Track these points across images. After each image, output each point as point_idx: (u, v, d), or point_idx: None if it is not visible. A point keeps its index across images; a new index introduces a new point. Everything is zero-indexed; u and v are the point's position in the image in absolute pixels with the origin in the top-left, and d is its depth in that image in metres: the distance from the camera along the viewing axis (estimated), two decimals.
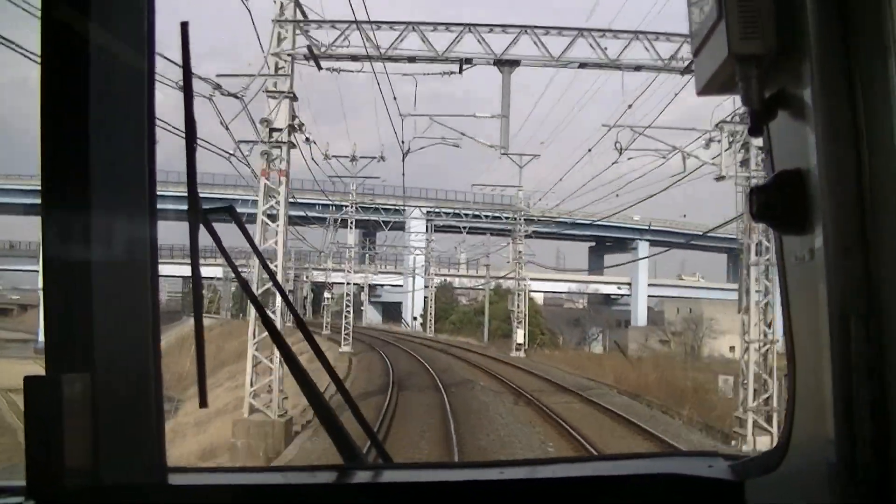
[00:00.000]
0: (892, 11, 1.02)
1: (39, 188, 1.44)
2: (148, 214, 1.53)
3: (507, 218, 43.51)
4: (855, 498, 1.08)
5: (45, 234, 1.43)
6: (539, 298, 64.97)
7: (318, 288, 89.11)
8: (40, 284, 1.46)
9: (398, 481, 1.69)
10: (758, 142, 16.31)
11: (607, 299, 69.12)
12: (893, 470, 1.06)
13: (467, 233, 50.26)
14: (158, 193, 1.56)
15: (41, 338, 1.56)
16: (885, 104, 1.05)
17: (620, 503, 1.56)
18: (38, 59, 1.43)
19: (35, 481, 1.39)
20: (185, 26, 1.55)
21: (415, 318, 63.48)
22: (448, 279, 71.72)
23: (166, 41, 1.58)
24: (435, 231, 52.62)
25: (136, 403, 1.54)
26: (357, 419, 1.83)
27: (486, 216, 49.97)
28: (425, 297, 56.42)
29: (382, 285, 76.87)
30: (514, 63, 16.41)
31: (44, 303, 1.44)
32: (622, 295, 73.69)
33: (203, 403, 1.67)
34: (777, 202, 1.23)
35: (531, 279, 55.73)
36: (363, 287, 67.94)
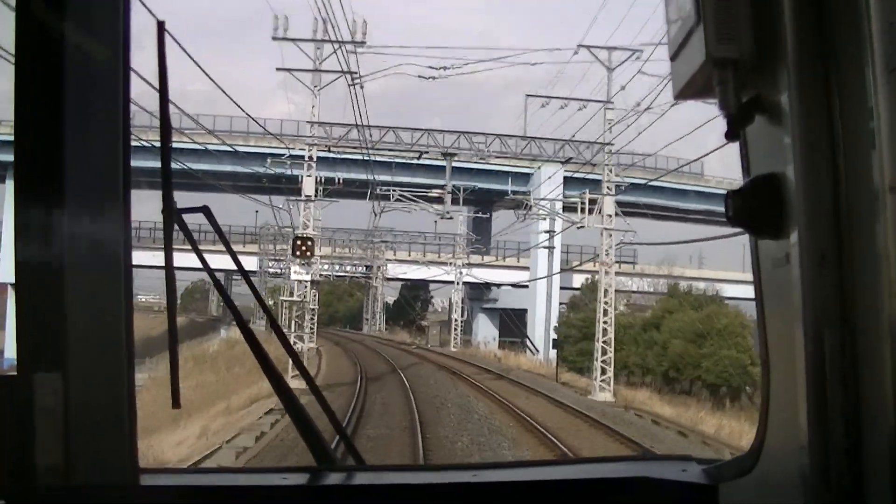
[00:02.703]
0: (868, 17, 1.16)
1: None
2: (122, 213, 1.66)
3: None
4: (828, 503, 1.23)
5: (17, 233, 1.54)
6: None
7: (409, 290, 71.14)
8: (11, 280, 1.56)
9: (371, 483, 1.84)
10: None
11: None
12: (865, 476, 1.19)
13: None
14: (134, 144, 1.73)
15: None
16: (861, 110, 1.18)
17: None
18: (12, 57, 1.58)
19: (6, 481, 1.49)
20: (161, 26, 1.69)
21: (536, 350, 40.68)
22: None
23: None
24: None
25: (109, 404, 1.63)
26: (330, 420, 1.99)
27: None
28: (561, 304, 35.51)
29: (499, 284, 62.94)
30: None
31: (16, 302, 1.54)
32: None
33: (175, 404, 1.81)
34: (752, 206, 1.36)
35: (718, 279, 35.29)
36: (457, 284, 45.89)
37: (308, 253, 24.48)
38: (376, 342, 54.31)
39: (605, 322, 31.10)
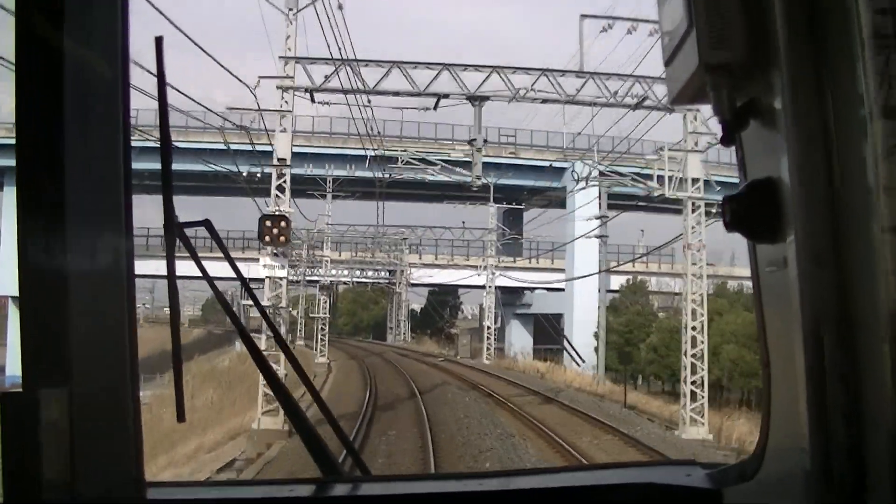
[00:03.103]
0: (859, 20, 1.20)
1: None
2: (124, 225, 1.69)
3: None
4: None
5: (20, 247, 1.57)
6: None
7: (437, 296, 68.50)
8: (13, 293, 1.87)
9: (378, 494, 1.88)
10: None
11: None
12: (867, 476, 1.22)
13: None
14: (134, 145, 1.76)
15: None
16: (854, 112, 1.22)
17: None
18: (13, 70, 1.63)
19: (11, 497, 1.50)
20: (159, 41, 1.74)
21: (582, 360, 38.07)
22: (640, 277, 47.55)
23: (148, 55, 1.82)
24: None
25: (114, 417, 1.65)
26: (335, 431, 2.05)
27: None
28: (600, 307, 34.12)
29: (533, 288, 60.12)
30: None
31: (21, 316, 1.57)
32: None
33: (181, 418, 1.84)
34: (749, 211, 1.39)
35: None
36: (489, 288, 43.63)
37: (281, 238, 17.42)
38: (398, 354, 49.23)
39: (693, 328, 22.62)
